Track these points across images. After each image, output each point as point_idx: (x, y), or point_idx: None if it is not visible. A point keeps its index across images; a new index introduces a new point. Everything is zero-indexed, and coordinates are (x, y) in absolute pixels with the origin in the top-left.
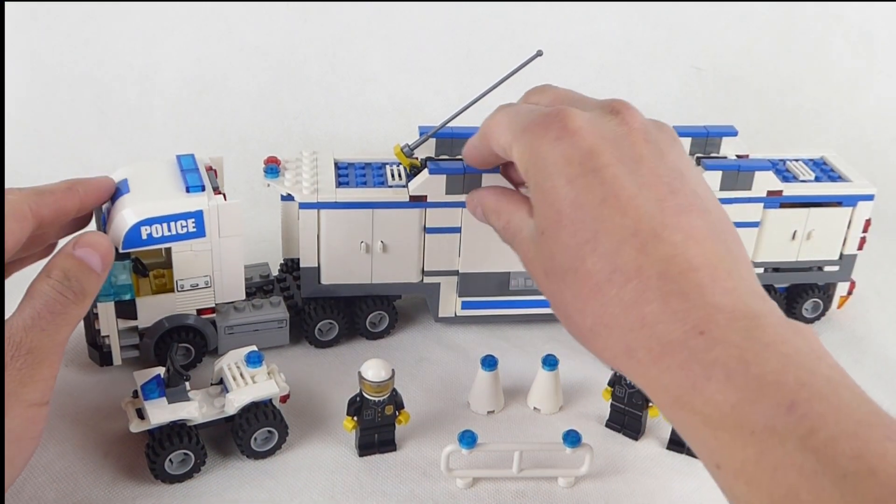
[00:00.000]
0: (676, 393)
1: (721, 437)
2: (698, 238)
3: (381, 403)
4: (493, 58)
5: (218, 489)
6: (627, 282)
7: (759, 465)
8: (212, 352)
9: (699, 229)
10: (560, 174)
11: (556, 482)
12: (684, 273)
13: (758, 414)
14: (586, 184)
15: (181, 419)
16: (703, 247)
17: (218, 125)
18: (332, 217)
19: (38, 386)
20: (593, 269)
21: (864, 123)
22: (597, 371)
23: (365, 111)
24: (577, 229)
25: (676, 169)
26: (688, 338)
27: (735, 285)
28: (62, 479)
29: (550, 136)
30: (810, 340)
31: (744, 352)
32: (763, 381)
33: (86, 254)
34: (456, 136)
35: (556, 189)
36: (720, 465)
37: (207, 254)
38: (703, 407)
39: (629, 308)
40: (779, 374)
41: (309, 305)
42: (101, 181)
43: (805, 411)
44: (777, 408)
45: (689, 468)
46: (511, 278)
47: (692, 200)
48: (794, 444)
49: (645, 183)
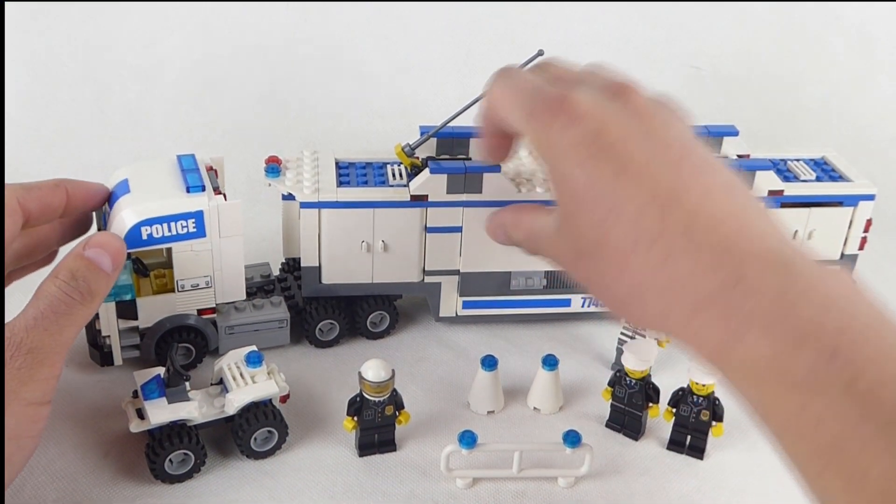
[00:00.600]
0: (716, 347)
1: (764, 389)
2: (717, 194)
3: (381, 403)
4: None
5: (218, 489)
6: (653, 245)
7: (802, 416)
8: (212, 352)
9: (717, 186)
10: (571, 159)
11: (556, 482)
12: (709, 227)
13: (799, 364)
14: (598, 163)
15: (181, 419)
16: (723, 201)
17: (218, 125)
18: (333, 216)
19: (39, 385)
20: (618, 240)
21: (864, 123)
22: (597, 371)
23: (365, 111)
24: (596, 206)
25: (685, 137)
26: (722, 290)
27: (763, 233)
28: (62, 478)
29: (558, 124)
30: (847, 283)
31: (780, 300)
32: (802, 330)
33: (96, 254)
34: (456, 136)
35: (570, 173)
36: (766, 418)
37: (208, 254)
38: (744, 359)
39: (658, 270)
40: (818, 322)
41: (310, 305)
42: (91, 184)
43: (847, 358)
44: (818, 357)
45: (689, 468)
46: (512, 278)
47: (705, 161)
48: (836, 392)
49: (656, 151)
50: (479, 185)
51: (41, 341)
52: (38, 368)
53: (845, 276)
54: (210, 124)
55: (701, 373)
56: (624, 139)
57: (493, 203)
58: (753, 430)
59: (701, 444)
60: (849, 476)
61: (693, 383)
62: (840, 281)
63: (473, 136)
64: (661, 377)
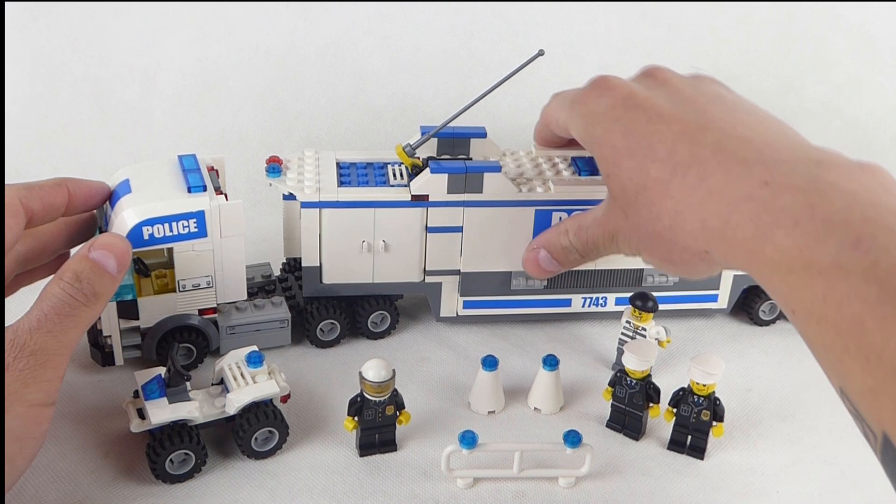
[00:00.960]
0: (749, 246)
1: (791, 280)
2: (746, 122)
3: (381, 403)
4: (493, 58)
5: (218, 489)
6: (688, 169)
7: (826, 301)
8: (213, 352)
9: (746, 118)
10: (607, 118)
11: (557, 482)
12: (739, 145)
13: (824, 254)
14: (631, 115)
15: (182, 419)
16: (752, 126)
17: (219, 125)
18: (334, 216)
19: (42, 387)
20: (657, 175)
21: (864, 123)
22: (597, 371)
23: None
24: (634, 151)
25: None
26: (753, 191)
27: (792, 143)
28: (63, 478)
29: (593, 95)
30: (878, 175)
31: (809, 195)
32: (829, 222)
33: (101, 255)
34: (457, 136)
35: (607, 131)
36: (794, 310)
37: (209, 254)
38: (774, 254)
39: (695, 188)
40: (845, 213)
41: (311, 305)
42: (92, 183)
43: (869, 245)
44: (842, 246)
45: (689, 468)
46: (512, 278)
47: (734, 103)
48: (857, 277)
49: (683, 103)
50: (479, 184)
51: (44, 343)
52: (41, 370)
53: (878, 168)
54: (211, 124)
55: (701, 373)
56: (652, 97)
57: (493, 203)
58: (754, 430)
59: (701, 444)
60: (867, 354)
61: (693, 383)
62: (871, 173)
63: (473, 136)
64: (661, 377)
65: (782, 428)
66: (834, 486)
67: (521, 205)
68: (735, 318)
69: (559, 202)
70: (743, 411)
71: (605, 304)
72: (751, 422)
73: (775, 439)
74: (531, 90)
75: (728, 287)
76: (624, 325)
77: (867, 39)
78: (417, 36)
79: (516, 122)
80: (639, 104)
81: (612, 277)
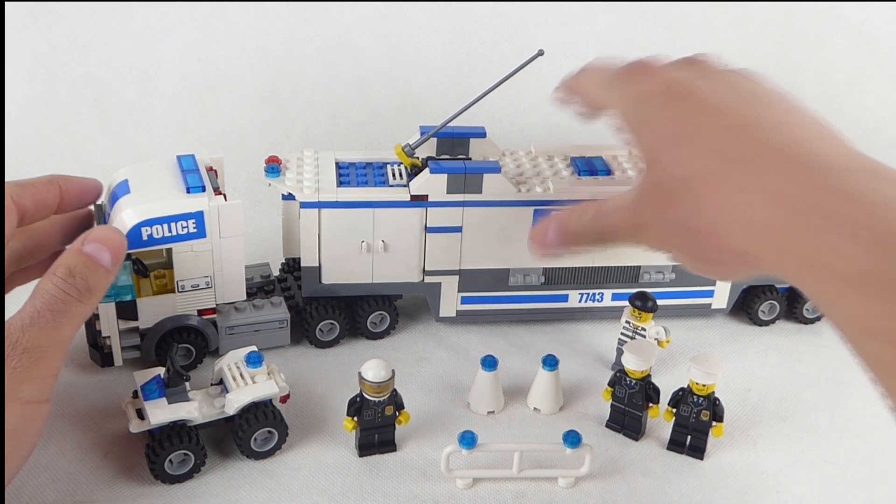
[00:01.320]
0: (802, 253)
1: (849, 294)
2: (793, 119)
3: (381, 404)
4: (493, 58)
5: (218, 489)
6: (736, 166)
7: (892, 318)
8: (213, 352)
9: (792, 113)
10: (651, 104)
11: (556, 482)
12: (788, 145)
13: (889, 268)
14: (675, 105)
15: (181, 419)
16: (799, 124)
17: (218, 125)
18: (334, 216)
19: (36, 383)
20: (702, 169)
21: (864, 123)
22: (597, 371)
23: (365, 111)
24: (678, 141)
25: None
26: (806, 195)
27: (845, 150)
28: (62, 479)
29: (636, 80)
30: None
31: (866, 205)
32: (886, 235)
33: (94, 249)
34: (457, 136)
35: (651, 118)
36: (851, 325)
37: (208, 254)
38: (831, 263)
39: (742, 186)
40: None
41: (310, 305)
42: (84, 179)
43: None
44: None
45: (689, 468)
46: (510, 275)
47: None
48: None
49: (727, 94)
50: (479, 184)
51: (37, 340)
52: (34, 367)
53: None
54: (210, 124)
55: (701, 373)
56: (695, 87)
57: (492, 203)
58: (753, 430)
59: (701, 444)
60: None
61: (693, 383)
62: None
63: (473, 136)
64: (661, 377)
65: (782, 428)
66: (834, 486)
67: (520, 205)
68: (735, 318)
69: (558, 202)
70: (743, 411)
71: (601, 300)
72: (750, 422)
73: (775, 439)
74: (531, 90)
75: (728, 287)
76: (623, 326)
77: (867, 39)
78: (417, 36)
79: (516, 122)
80: (683, 93)
81: (609, 274)
